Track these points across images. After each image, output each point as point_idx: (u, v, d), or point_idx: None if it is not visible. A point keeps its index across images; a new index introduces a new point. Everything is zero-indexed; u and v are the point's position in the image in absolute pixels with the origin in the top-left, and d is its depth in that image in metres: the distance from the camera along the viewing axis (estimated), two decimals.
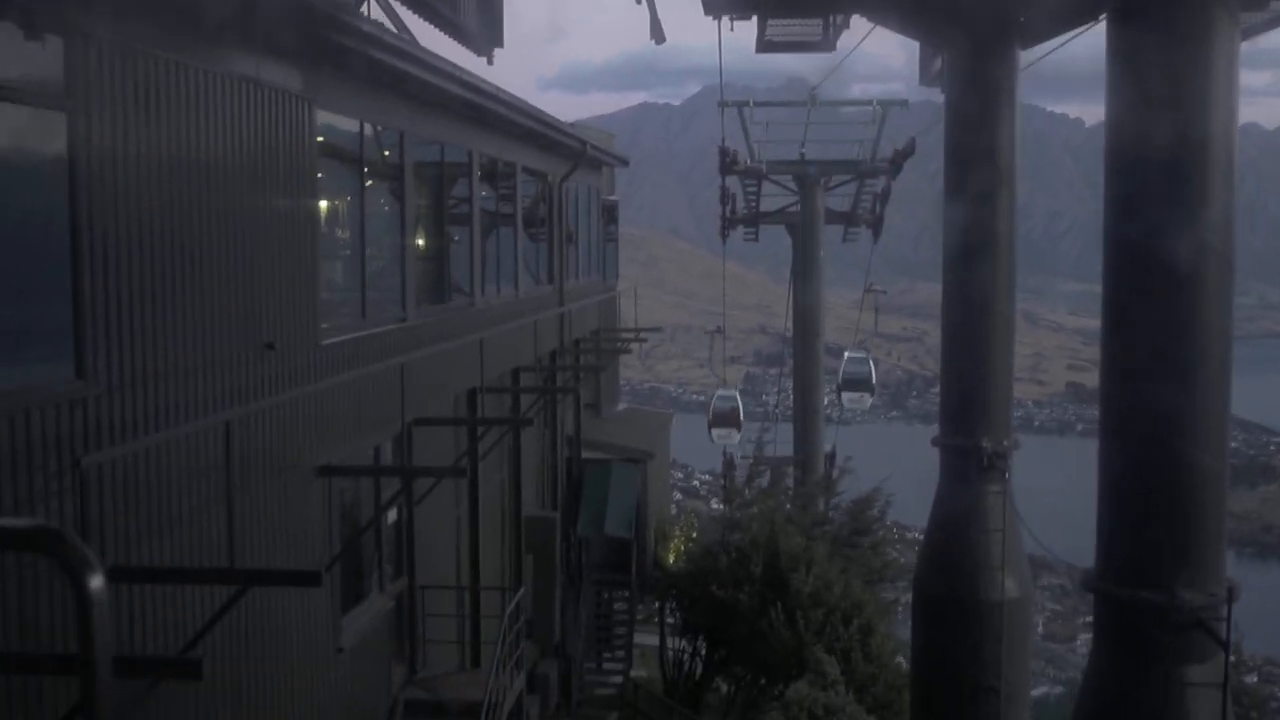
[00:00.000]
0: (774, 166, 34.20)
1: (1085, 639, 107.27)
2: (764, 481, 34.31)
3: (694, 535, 30.82)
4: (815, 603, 23.65)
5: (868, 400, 36.26)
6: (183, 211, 10.32)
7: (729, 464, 45.31)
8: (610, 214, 33.07)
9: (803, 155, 34.59)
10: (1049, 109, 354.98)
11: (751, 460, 44.66)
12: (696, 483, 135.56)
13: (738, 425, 36.08)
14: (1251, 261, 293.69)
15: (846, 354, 36.47)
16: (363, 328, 14.65)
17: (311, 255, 13.01)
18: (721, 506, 46.38)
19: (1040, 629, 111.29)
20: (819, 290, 34.00)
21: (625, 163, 32.42)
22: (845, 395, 35.72)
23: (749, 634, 24.31)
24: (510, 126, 20.57)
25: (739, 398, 37.10)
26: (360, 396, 14.24)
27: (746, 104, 33.92)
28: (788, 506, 27.95)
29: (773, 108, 35.27)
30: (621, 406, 35.36)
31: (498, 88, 18.36)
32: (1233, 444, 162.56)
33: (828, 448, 35.99)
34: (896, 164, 33.59)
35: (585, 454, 28.09)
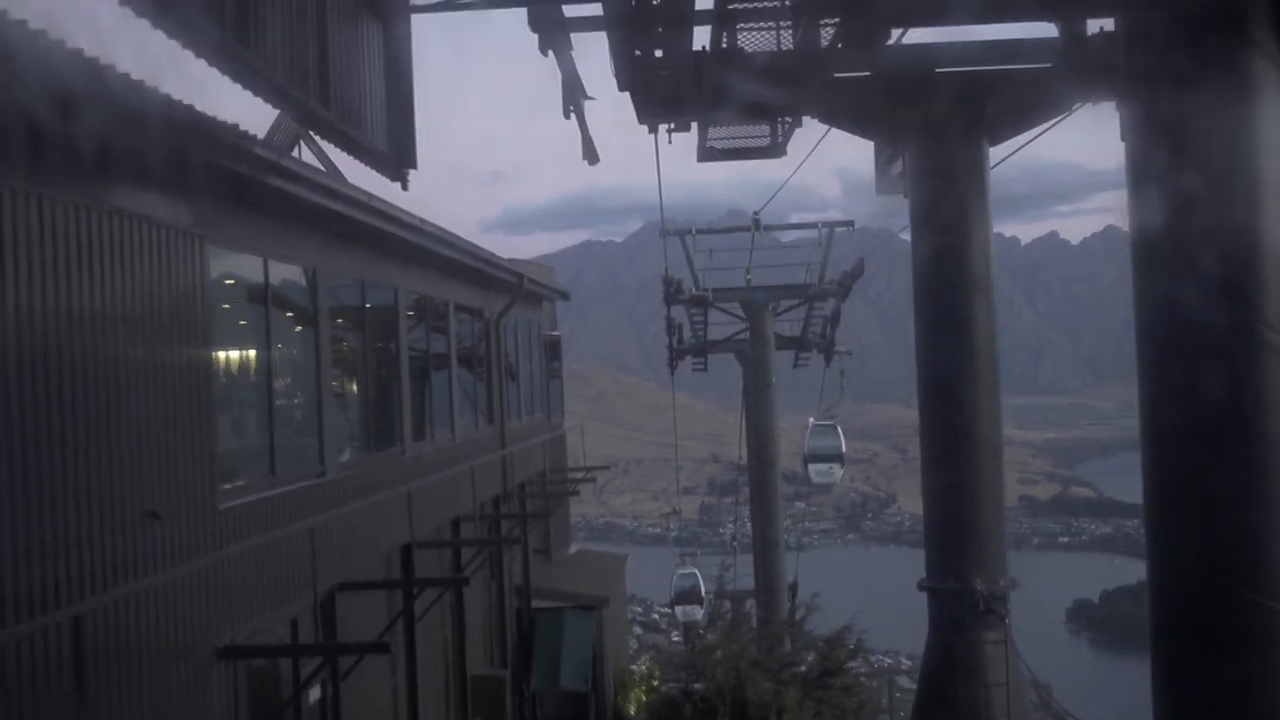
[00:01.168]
0: (720, 294, 32.95)
1: None
2: (727, 617, 32.52)
3: (654, 682, 28.81)
4: None
5: (837, 472, 33.02)
6: (53, 364, 8.73)
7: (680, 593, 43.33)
8: (553, 349, 31.66)
9: (748, 281, 33.45)
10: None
11: (711, 597, 42.71)
12: (656, 615, 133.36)
13: (700, 601, 35.36)
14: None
15: (811, 421, 33.33)
16: (272, 486, 12.97)
17: (206, 409, 11.36)
18: (679, 640, 44.73)
19: None
20: (772, 418, 32.55)
21: (565, 296, 31.13)
22: (813, 468, 32.70)
23: None
24: (438, 261, 19.16)
25: (699, 575, 37.46)
26: (268, 563, 12.49)
27: (689, 233, 32.80)
28: (753, 650, 26.15)
29: (716, 235, 34.14)
30: (574, 549, 33.55)
31: (421, 219, 16.99)
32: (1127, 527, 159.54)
33: (790, 578, 34.52)
34: (845, 286, 32.47)
35: (536, 603, 26.22)
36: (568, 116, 11.39)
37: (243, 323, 13.14)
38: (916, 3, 9.85)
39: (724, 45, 11.09)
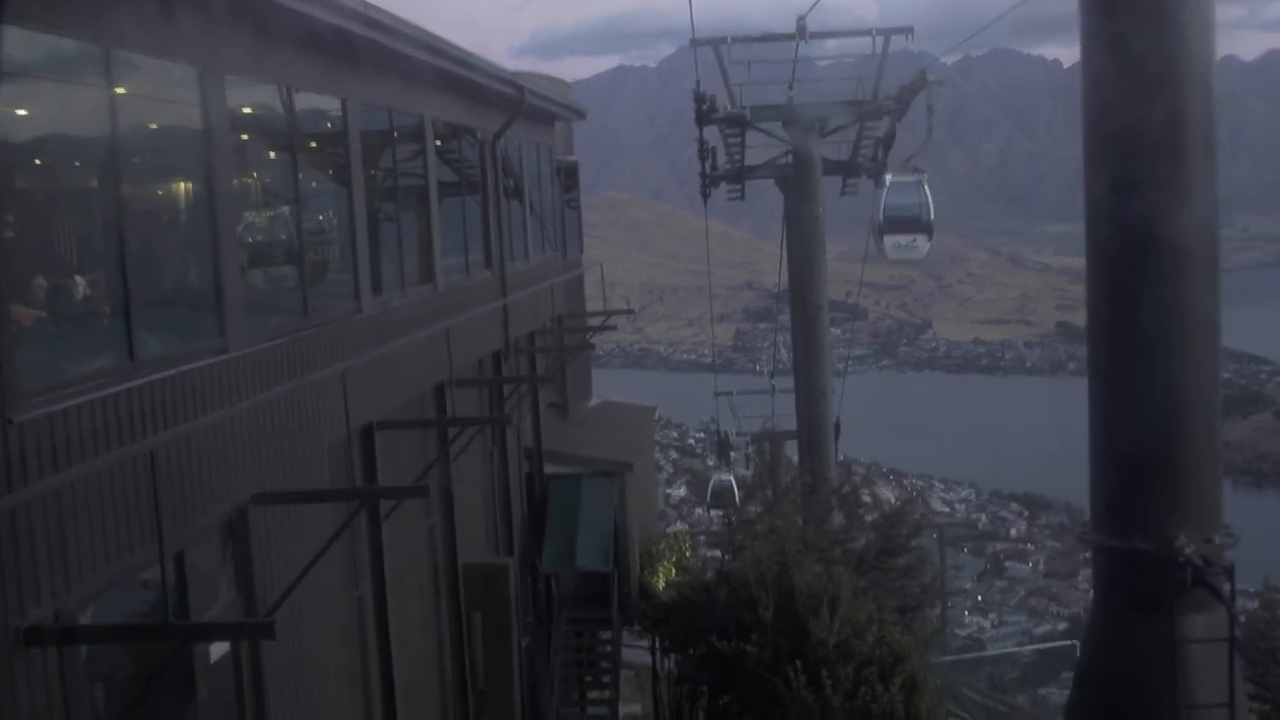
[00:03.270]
0: (758, 113, 28.18)
1: (1087, 574, 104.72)
2: (769, 471, 28.73)
3: (687, 553, 25.12)
4: (843, 655, 18.00)
5: (923, 246, 25.69)
6: None
7: (724, 443, 38.46)
8: (570, 177, 27.15)
9: (791, 98, 28.64)
10: (1025, 52, 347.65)
11: (750, 441, 39.14)
12: (691, 441, 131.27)
13: (734, 504, 29.97)
14: (1236, 193, 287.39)
15: (889, 178, 26.21)
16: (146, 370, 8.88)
17: None
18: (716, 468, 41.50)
19: (1042, 566, 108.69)
20: (819, 253, 28.07)
21: (581, 115, 26.43)
22: (889, 240, 25.66)
23: (760, 693, 18.66)
24: (404, 65, 14.67)
25: (734, 481, 32.09)
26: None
27: (724, 41, 27.88)
28: (799, 522, 22.30)
29: (754, 44, 29.14)
30: (595, 401, 29.46)
31: (375, 7, 12.54)
32: (1224, 374, 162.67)
33: (834, 416, 30.62)
34: (904, 102, 27.65)
35: (549, 468, 22.36)
36: None
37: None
38: None
39: None
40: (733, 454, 38.66)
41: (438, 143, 17.66)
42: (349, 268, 13.31)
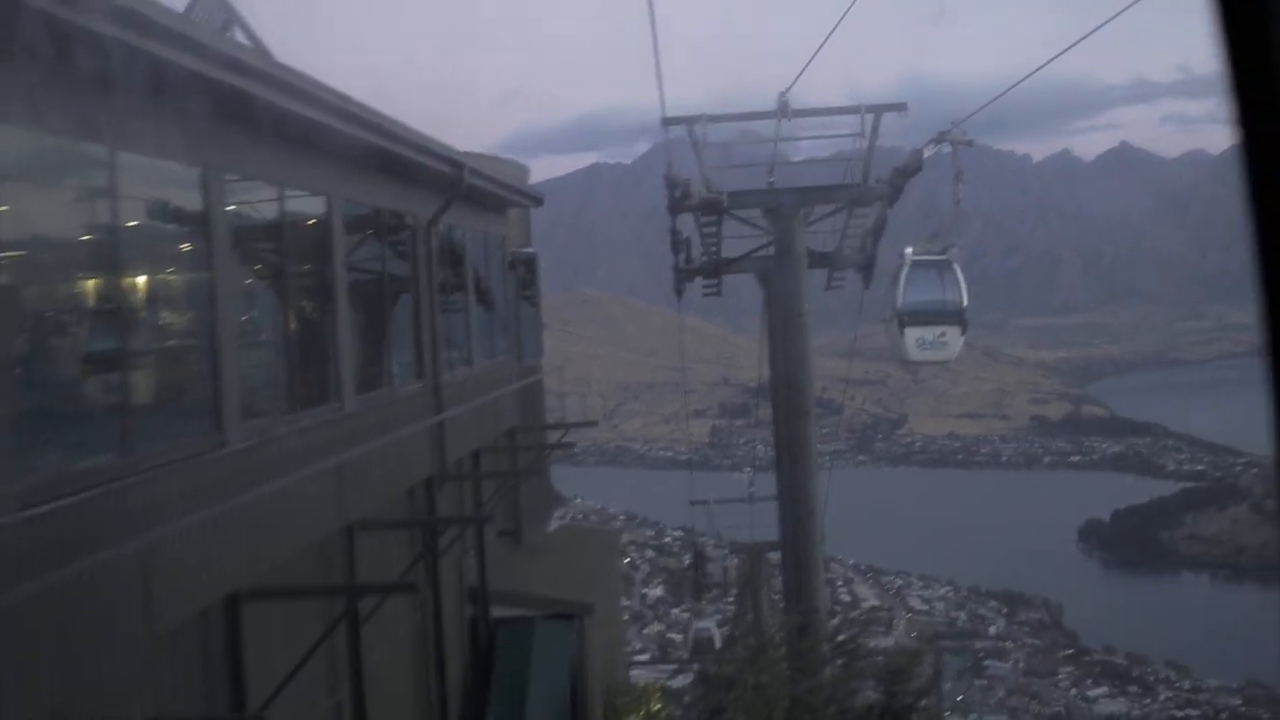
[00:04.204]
0: (737, 199, 25.06)
1: (1067, 672, 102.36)
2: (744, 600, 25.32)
3: (656, 707, 21.47)
4: None
5: (956, 342, 20.57)
6: None
7: (699, 557, 36.76)
8: (528, 271, 23.91)
9: (771, 183, 25.60)
10: (995, 147, 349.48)
11: (725, 559, 36.56)
12: (668, 539, 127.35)
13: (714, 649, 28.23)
14: (1206, 286, 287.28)
15: (909, 254, 21.29)
16: None
17: None
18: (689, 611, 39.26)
19: (1022, 664, 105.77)
20: (806, 357, 24.74)
21: (538, 201, 23.23)
22: (912, 335, 20.68)
23: None
24: (297, 128, 11.41)
25: (714, 627, 30.27)
26: None
27: (698, 119, 24.87)
28: (787, 670, 18.75)
29: (731, 123, 26.06)
30: (557, 523, 25.83)
31: (274, 62, 9.31)
32: (1199, 466, 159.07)
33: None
34: (896, 186, 24.62)
35: (498, 610, 18.82)
36: None
37: None
38: None
39: None
40: (710, 567, 36.45)
41: (369, 231, 14.44)
42: (209, 387, 9.89)
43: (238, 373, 10.15)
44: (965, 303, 20.87)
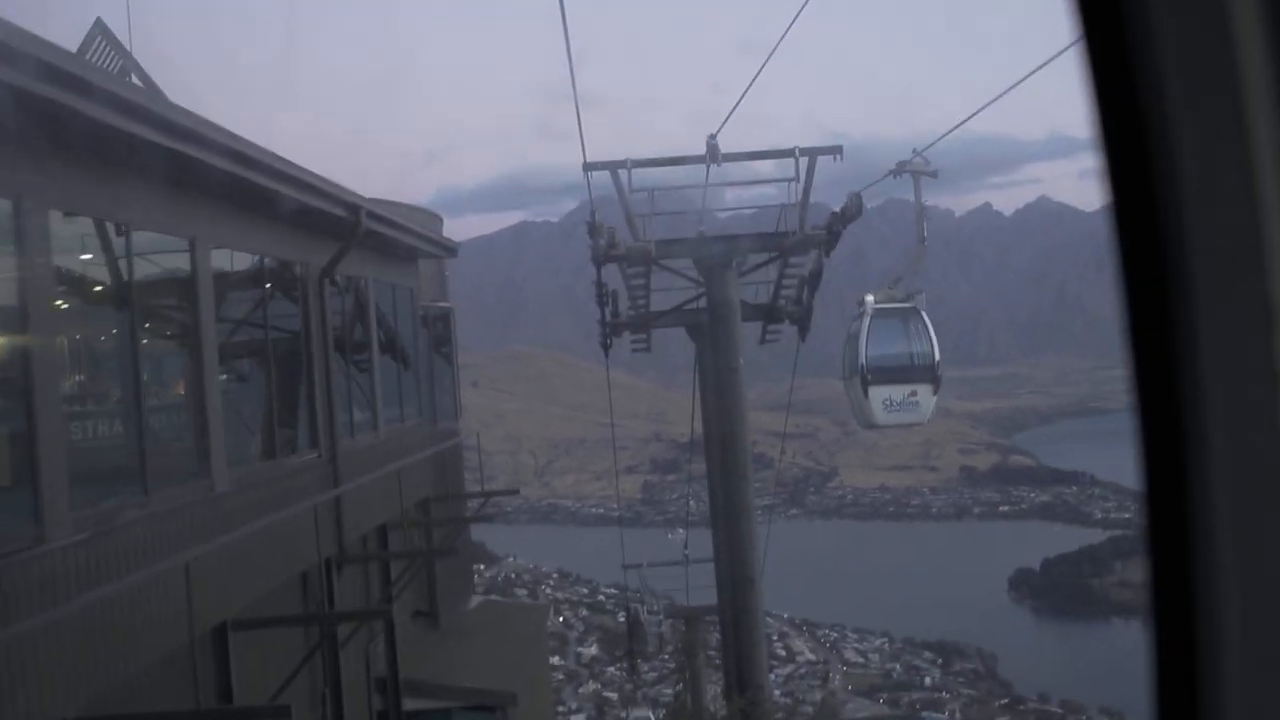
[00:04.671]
0: (666, 248, 23.50)
1: None
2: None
3: None
4: None
5: (928, 403, 18.77)
6: None
7: (634, 623, 34.70)
8: (443, 327, 22.04)
9: (702, 232, 24.08)
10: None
11: (660, 624, 34.94)
12: (602, 597, 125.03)
13: None
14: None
15: (869, 303, 19.21)
16: None
17: None
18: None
19: (958, 715, 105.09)
20: (739, 412, 23.16)
21: (452, 251, 21.49)
22: (877, 395, 18.69)
23: None
24: (151, 160, 9.55)
25: (652, 717, 27.62)
26: None
27: (623, 165, 23.28)
28: None
29: (658, 169, 24.53)
30: (478, 599, 23.73)
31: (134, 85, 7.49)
32: (1125, 514, 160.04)
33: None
34: (834, 232, 23.18)
35: (411, 703, 16.80)
36: None
37: None
38: None
39: None
40: (645, 632, 34.31)
41: (250, 282, 12.56)
42: (23, 471, 7.94)
43: (65, 451, 8.24)
44: (937, 356, 19.02)
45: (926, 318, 19.36)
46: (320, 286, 14.27)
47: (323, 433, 13.81)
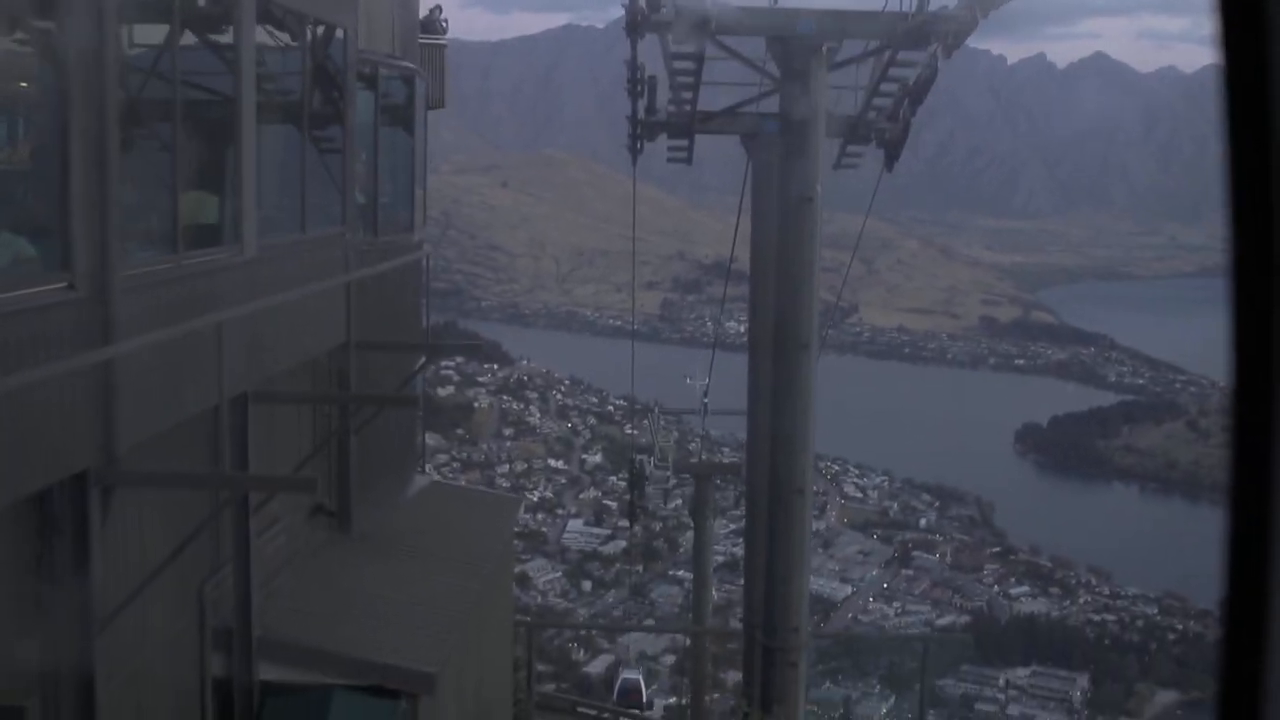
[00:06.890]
0: (730, 18, 16.21)
1: (992, 569, 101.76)
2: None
3: None
4: None
5: None
6: None
7: (639, 475, 32.20)
8: (401, 96, 14.87)
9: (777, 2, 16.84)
10: (969, 45, 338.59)
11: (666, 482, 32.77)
12: (611, 407, 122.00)
13: (640, 703, 25.82)
14: (1165, 203, 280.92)
15: None
16: None
17: None
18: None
19: (949, 559, 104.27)
20: (808, 267, 16.13)
21: None
22: None
23: None
24: None
25: (642, 680, 29.29)
26: None
27: None
28: None
29: None
30: (423, 482, 16.13)
31: None
32: (1140, 380, 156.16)
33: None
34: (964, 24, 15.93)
35: (270, 671, 10.30)
36: None
37: None
38: None
39: None
40: (649, 488, 32.64)
41: None
42: None
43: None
44: None
45: None
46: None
47: (80, 252, 6.94)
